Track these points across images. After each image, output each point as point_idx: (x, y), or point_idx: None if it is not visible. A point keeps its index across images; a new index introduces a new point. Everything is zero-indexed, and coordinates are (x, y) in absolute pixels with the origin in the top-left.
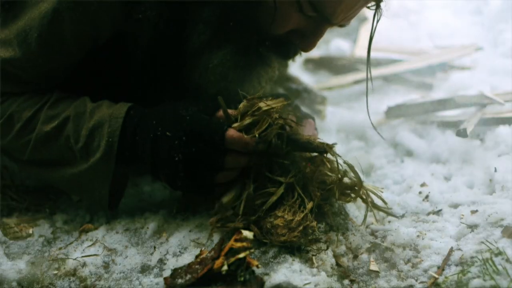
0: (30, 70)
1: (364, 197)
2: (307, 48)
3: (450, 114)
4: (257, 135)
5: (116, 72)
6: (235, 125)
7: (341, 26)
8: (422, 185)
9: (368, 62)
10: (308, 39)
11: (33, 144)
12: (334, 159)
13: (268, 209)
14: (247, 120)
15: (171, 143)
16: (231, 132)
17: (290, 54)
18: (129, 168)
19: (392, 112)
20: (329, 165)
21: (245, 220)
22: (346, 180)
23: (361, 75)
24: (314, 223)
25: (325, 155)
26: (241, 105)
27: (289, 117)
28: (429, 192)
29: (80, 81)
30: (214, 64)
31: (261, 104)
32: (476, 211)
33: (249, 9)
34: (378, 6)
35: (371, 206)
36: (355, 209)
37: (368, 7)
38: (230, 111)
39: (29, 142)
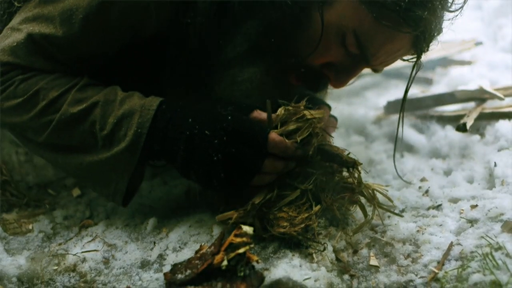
0: (66, 51)
1: (369, 197)
2: (338, 84)
3: (450, 109)
4: (298, 141)
5: (143, 68)
6: (278, 130)
7: (375, 70)
8: (422, 180)
9: (402, 114)
10: (341, 76)
11: (55, 125)
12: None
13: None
14: (291, 126)
15: (211, 142)
16: (274, 135)
17: (319, 87)
18: (153, 163)
19: (392, 107)
20: (351, 180)
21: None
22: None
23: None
24: (316, 225)
25: (351, 170)
26: (280, 111)
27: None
28: (429, 187)
29: (108, 69)
30: (243, 79)
31: (306, 113)
32: (476, 205)
33: (294, 32)
34: (418, 58)
35: (377, 206)
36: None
37: (407, 60)
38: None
39: (50, 122)
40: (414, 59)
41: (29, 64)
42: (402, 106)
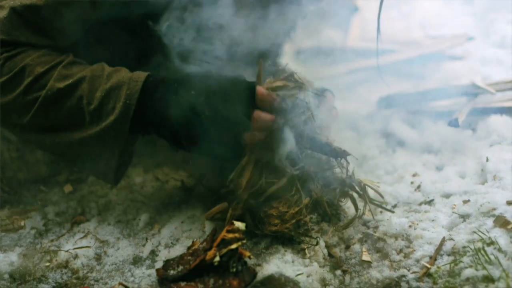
0: (50, 20)
1: (362, 192)
2: None
3: (441, 104)
4: (280, 95)
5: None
6: (265, 85)
7: None
8: (414, 175)
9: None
10: None
11: (42, 101)
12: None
13: (266, 199)
14: (278, 83)
15: (197, 100)
16: (260, 89)
17: None
18: (142, 136)
19: (384, 102)
20: (341, 171)
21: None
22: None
23: (353, 65)
24: (308, 218)
25: (340, 160)
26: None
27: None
28: (421, 182)
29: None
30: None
31: (295, 76)
32: (468, 200)
33: None
34: None
35: (368, 201)
36: (347, 199)
37: None
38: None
39: (36, 100)
40: None
41: (15, 38)
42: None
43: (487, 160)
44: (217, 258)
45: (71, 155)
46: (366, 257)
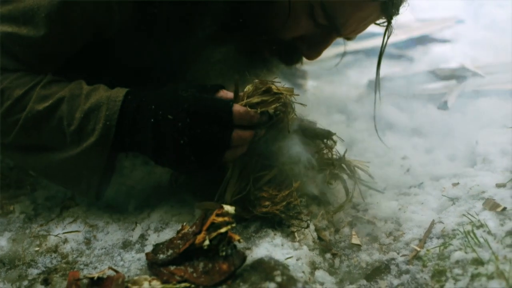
0: (29, 50)
1: (351, 173)
2: (312, 56)
3: (431, 87)
4: (259, 110)
5: (113, 61)
6: (242, 102)
7: (348, 39)
8: (404, 158)
9: (378, 74)
10: (314, 48)
11: (22, 124)
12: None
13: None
14: (255, 99)
15: (175, 126)
16: (237, 108)
17: (293, 60)
18: (125, 154)
19: (373, 86)
20: (329, 153)
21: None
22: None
23: (342, 48)
24: (298, 201)
25: (326, 141)
26: (248, 87)
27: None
28: (410, 165)
29: (75, 66)
30: (216, 60)
31: (273, 87)
32: (458, 183)
33: (262, 9)
34: (389, 23)
35: (357, 182)
36: (337, 182)
37: (379, 24)
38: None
39: (17, 122)
40: (385, 24)
41: None
42: (380, 58)
43: (477, 143)
44: (207, 242)
45: (53, 174)
46: (355, 240)
